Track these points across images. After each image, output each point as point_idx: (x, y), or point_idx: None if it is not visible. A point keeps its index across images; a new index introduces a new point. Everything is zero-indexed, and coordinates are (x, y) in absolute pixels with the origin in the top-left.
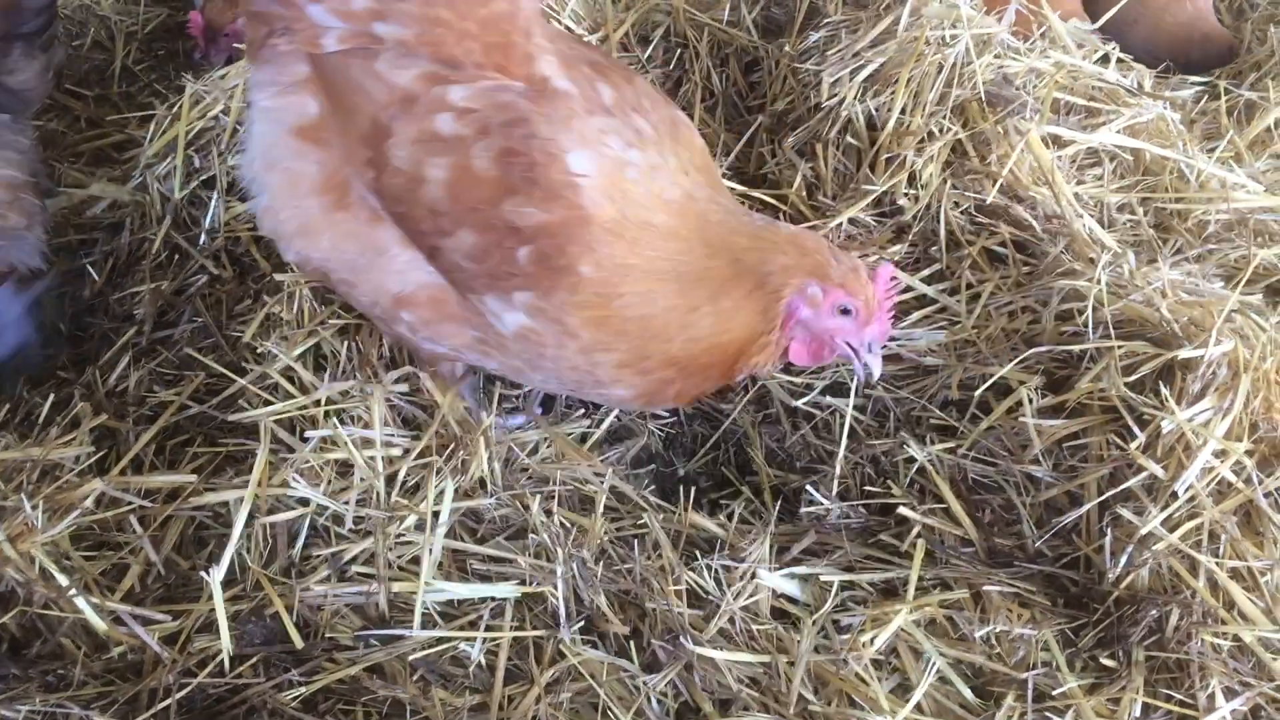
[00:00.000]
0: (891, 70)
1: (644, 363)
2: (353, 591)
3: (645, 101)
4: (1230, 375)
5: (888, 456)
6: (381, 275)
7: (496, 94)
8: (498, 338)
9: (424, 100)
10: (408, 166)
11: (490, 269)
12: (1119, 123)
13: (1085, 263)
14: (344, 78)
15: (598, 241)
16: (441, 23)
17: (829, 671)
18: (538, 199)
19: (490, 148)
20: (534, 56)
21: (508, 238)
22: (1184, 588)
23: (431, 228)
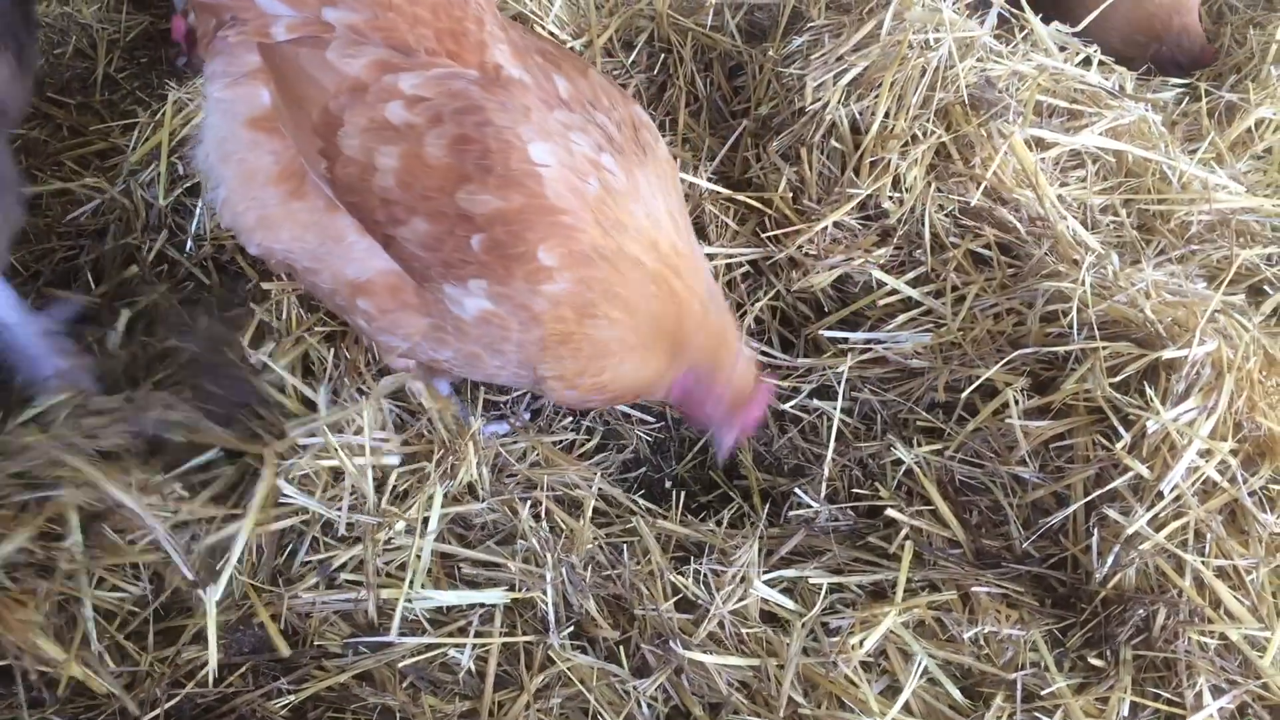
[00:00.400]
0: (875, 74)
1: (578, 379)
2: (341, 599)
3: (604, 97)
4: (1214, 375)
5: (875, 459)
6: (340, 263)
7: (449, 81)
8: (456, 323)
9: (374, 88)
10: (359, 155)
11: (444, 257)
12: (1101, 125)
13: (1069, 264)
14: (294, 67)
15: (566, 235)
16: (393, 7)
17: (818, 674)
18: (493, 186)
19: (443, 135)
20: (487, 44)
21: (460, 225)
22: (1171, 587)
23: (385, 217)
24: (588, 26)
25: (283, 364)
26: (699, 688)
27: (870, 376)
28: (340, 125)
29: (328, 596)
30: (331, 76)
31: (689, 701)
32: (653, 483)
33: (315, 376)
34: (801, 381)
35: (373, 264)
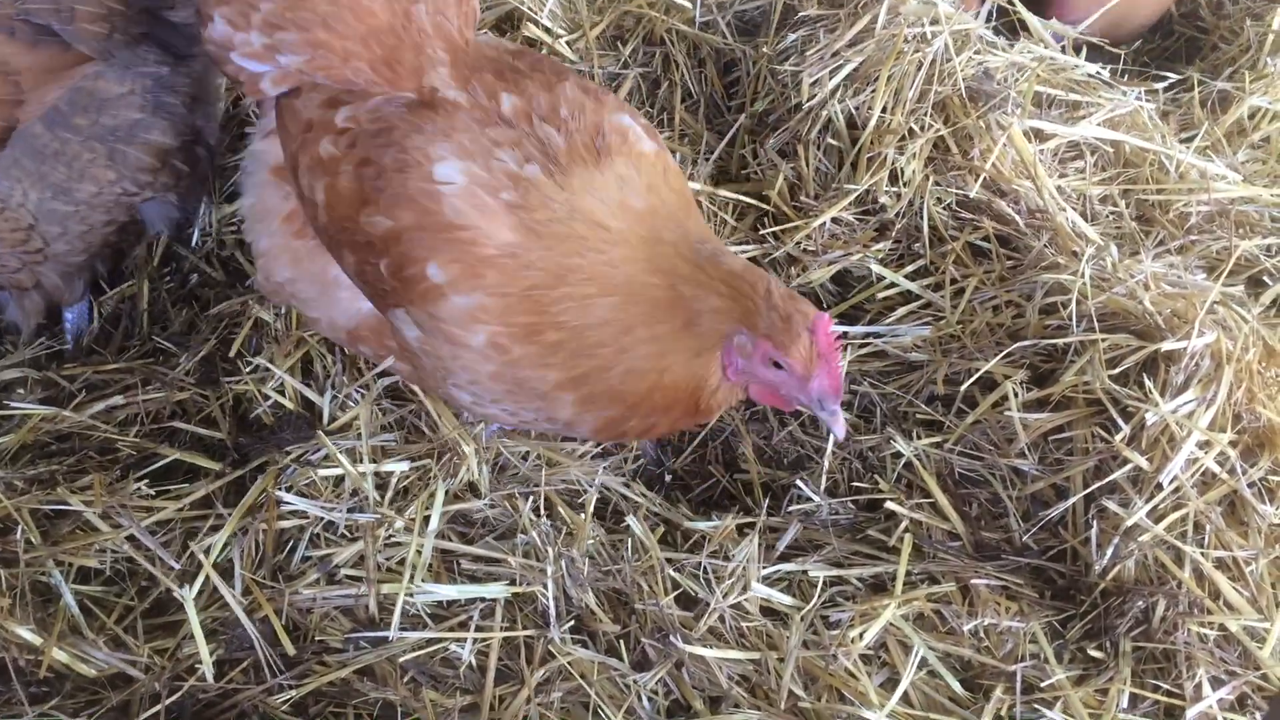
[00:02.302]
0: (871, 69)
1: (585, 389)
2: (342, 594)
3: (565, 107)
4: (1213, 367)
5: (875, 452)
6: (330, 308)
7: (378, 108)
8: (417, 356)
9: (317, 126)
10: (307, 192)
11: (371, 288)
12: (1099, 115)
13: (1068, 256)
14: (284, 121)
15: (462, 249)
16: (322, 45)
17: (818, 667)
18: (384, 206)
19: (352, 161)
20: (423, 69)
21: (369, 251)
22: (1170, 578)
23: (333, 253)
24: (581, 22)
25: (283, 366)
26: (699, 681)
27: (870, 370)
28: (297, 166)
29: (328, 592)
30: (295, 122)
31: (689, 695)
32: (652, 477)
33: (316, 377)
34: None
35: (355, 307)
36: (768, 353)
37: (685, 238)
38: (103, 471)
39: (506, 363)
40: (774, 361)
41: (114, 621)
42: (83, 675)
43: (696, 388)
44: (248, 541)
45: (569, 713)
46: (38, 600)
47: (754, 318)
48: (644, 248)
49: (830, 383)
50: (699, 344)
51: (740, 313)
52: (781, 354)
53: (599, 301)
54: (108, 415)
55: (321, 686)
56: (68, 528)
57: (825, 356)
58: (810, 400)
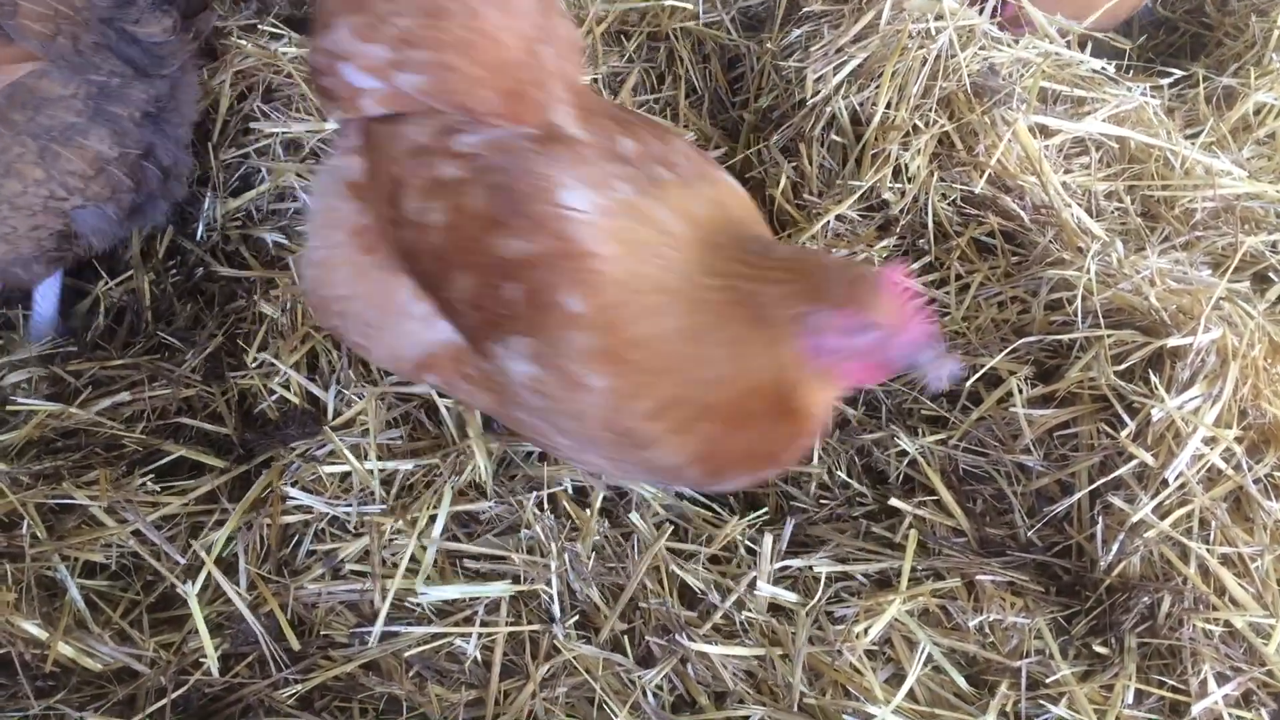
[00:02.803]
0: (875, 65)
1: (676, 411)
2: (347, 589)
3: (675, 157)
4: (1219, 362)
5: (879, 448)
6: (401, 338)
7: (503, 138)
8: (514, 392)
9: (435, 149)
10: (415, 215)
11: (486, 315)
12: (1104, 111)
13: (1074, 252)
14: (379, 142)
15: (593, 276)
16: (452, 68)
17: (824, 663)
18: (520, 228)
19: (482, 183)
20: (547, 105)
21: (495, 274)
22: (1175, 574)
23: (438, 274)
24: (585, 18)
25: (288, 362)
26: (704, 677)
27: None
28: (403, 188)
29: (333, 587)
30: (401, 144)
31: (694, 690)
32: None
33: (321, 372)
34: None
35: (432, 335)
36: (848, 320)
37: (738, 240)
38: (108, 467)
39: (600, 399)
40: (859, 326)
41: (119, 616)
42: (88, 669)
43: (783, 384)
44: (252, 536)
45: (574, 708)
46: (44, 595)
47: (821, 291)
48: (698, 249)
49: (922, 328)
50: (772, 333)
51: (805, 291)
52: (863, 315)
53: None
54: (114, 411)
55: (327, 681)
56: (73, 523)
57: (907, 304)
58: (907, 353)
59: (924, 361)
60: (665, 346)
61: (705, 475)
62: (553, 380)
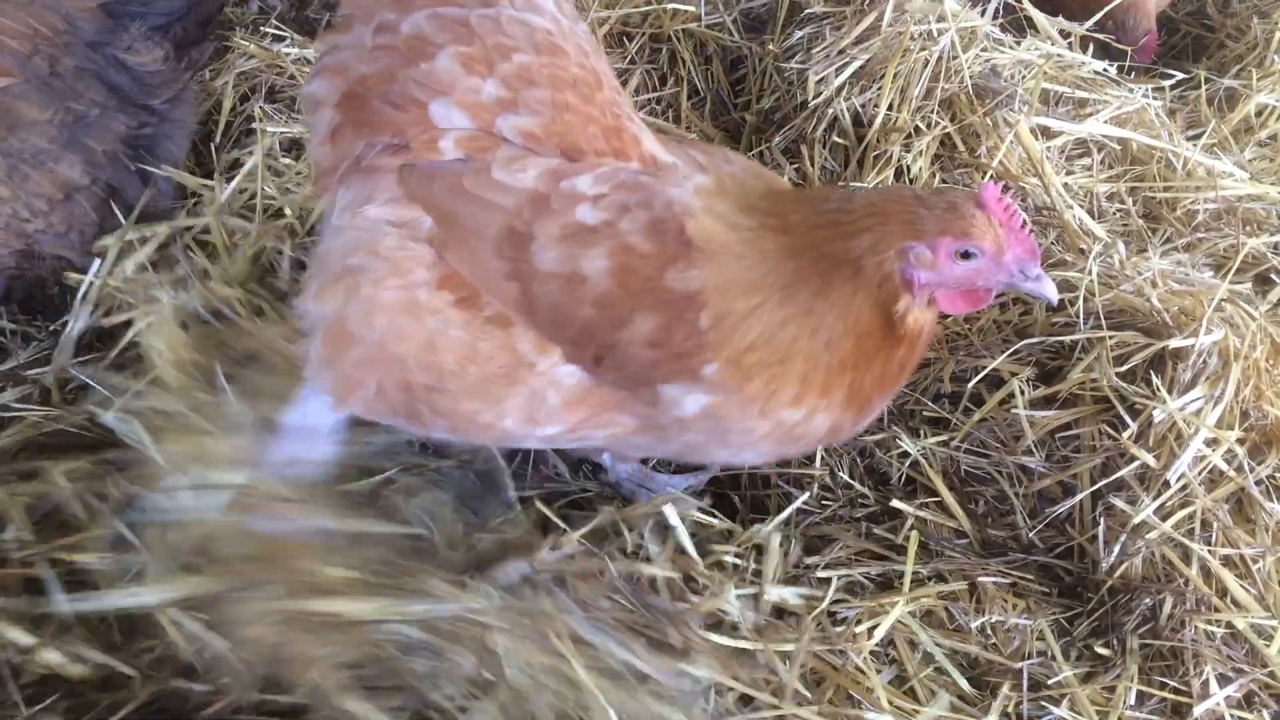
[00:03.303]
0: (877, 66)
1: (814, 384)
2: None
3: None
4: (1220, 364)
5: (881, 449)
6: (527, 395)
7: (617, 175)
8: (677, 422)
9: (555, 196)
10: (561, 267)
11: (675, 349)
12: (1106, 113)
13: (1076, 253)
14: (459, 193)
15: (725, 289)
16: (570, 108)
17: (827, 665)
18: (695, 260)
19: (636, 221)
20: (639, 137)
21: (683, 307)
22: (1177, 576)
23: (603, 324)
24: (587, 20)
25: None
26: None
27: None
28: (532, 240)
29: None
30: (505, 194)
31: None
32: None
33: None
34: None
35: (549, 391)
36: (950, 247)
37: (812, 202)
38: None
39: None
40: (960, 254)
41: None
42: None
43: (891, 318)
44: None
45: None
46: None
47: (918, 224)
48: (775, 238)
49: (1025, 247)
50: (876, 279)
51: (901, 228)
52: (965, 241)
53: (766, 305)
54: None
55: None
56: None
57: (1008, 224)
58: (1012, 274)
59: (1026, 282)
60: (778, 337)
61: (857, 418)
62: (724, 402)
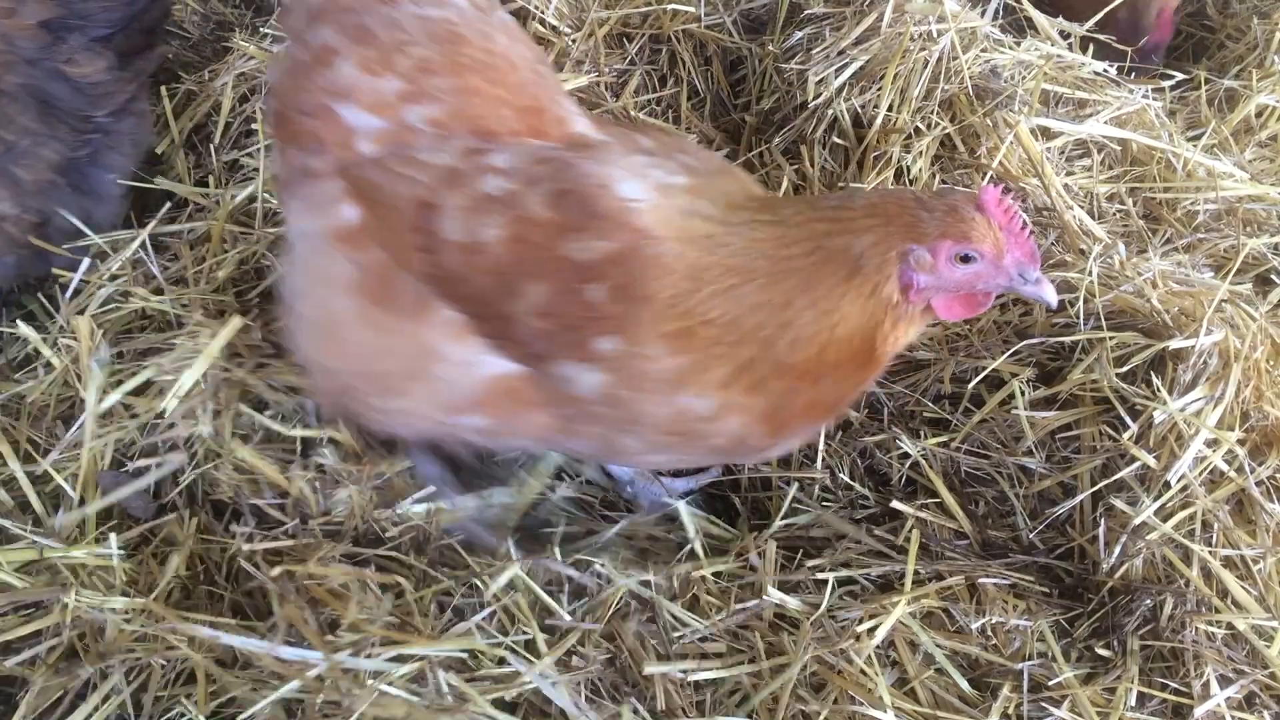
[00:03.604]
0: (877, 67)
1: (749, 375)
2: None
3: (690, 149)
4: (1221, 365)
5: (882, 450)
6: (436, 385)
7: (538, 151)
8: (581, 407)
9: (468, 171)
10: (463, 236)
11: (568, 321)
12: (1106, 113)
13: (1076, 254)
14: (381, 172)
15: (666, 259)
16: (477, 93)
17: (827, 667)
18: (601, 230)
19: (541, 191)
20: (566, 119)
21: (576, 277)
22: (1178, 577)
23: (499, 292)
24: (587, 20)
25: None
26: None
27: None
28: (438, 212)
29: None
30: (424, 170)
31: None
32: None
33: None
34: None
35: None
36: (950, 250)
37: (808, 201)
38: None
39: (668, 387)
40: (960, 257)
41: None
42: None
43: (873, 329)
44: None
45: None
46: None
47: (919, 226)
48: (768, 229)
49: (1025, 250)
50: (872, 281)
51: (902, 230)
52: (965, 244)
53: (744, 288)
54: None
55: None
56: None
57: (1008, 227)
58: (1011, 278)
59: (1025, 286)
60: (747, 319)
61: (767, 435)
62: (623, 381)
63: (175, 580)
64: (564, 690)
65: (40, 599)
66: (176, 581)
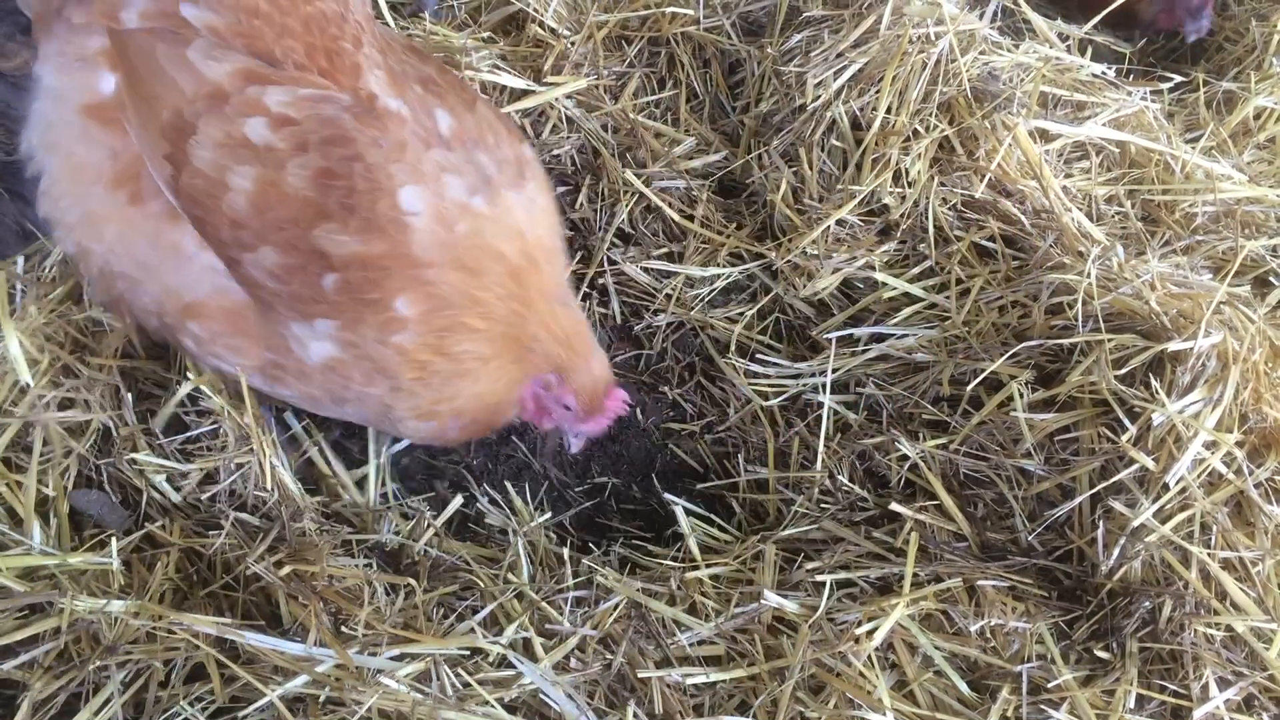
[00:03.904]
0: (875, 70)
1: (434, 409)
2: None
3: (489, 135)
4: (1219, 367)
5: (881, 452)
6: (171, 277)
7: (320, 106)
8: (298, 365)
9: (236, 99)
10: (210, 170)
11: (293, 291)
12: (1104, 116)
13: (1074, 256)
14: (148, 61)
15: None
16: (260, 14)
17: (826, 670)
18: (354, 228)
19: (307, 165)
20: (362, 68)
21: (314, 262)
22: (1176, 579)
23: (232, 239)
24: (586, 22)
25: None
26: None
27: (875, 371)
28: (193, 133)
29: None
30: (190, 78)
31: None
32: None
33: None
34: (805, 380)
35: (209, 282)
36: (566, 398)
37: (558, 280)
38: None
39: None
40: (565, 405)
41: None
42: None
43: (505, 405)
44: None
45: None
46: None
47: (573, 373)
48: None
49: (596, 430)
50: (523, 374)
51: (563, 365)
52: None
53: (483, 336)
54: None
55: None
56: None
57: (608, 412)
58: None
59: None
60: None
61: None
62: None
63: (168, 582)
64: (563, 691)
65: (38, 602)
66: (170, 583)
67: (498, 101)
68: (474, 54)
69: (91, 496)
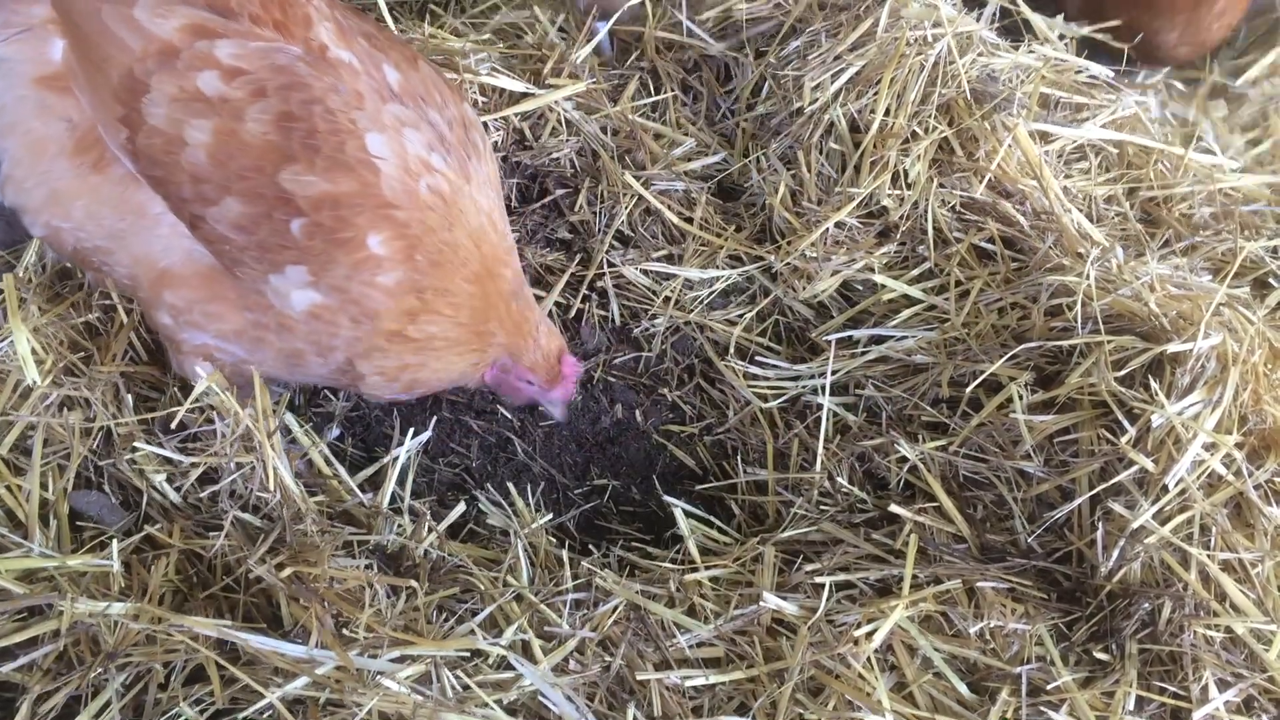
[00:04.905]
0: (873, 72)
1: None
2: None
3: (435, 93)
4: (1219, 368)
5: (880, 454)
6: (142, 244)
7: (272, 55)
8: (280, 319)
9: (186, 54)
10: (166, 127)
11: (259, 240)
12: (1103, 116)
13: (1074, 257)
14: (94, 22)
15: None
16: None
17: (825, 672)
18: (320, 168)
19: (266, 110)
20: (313, 20)
21: (279, 208)
22: (1176, 580)
23: (193, 194)
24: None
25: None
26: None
27: (875, 373)
28: (145, 91)
29: None
30: (138, 37)
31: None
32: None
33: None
34: (804, 381)
35: (179, 247)
36: (521, 375)
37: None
38: None
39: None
40: (525, 380)
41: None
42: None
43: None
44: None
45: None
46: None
47: (523, 353)
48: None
49: (564, 392)
50: (478, 357)
51: (514, 347)
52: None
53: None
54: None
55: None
56: None
57: (567, 377)
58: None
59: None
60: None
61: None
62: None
63: (168, 583)
64: (562, 693)
65: (37, 604)
66: (170, 585)
67: (496, 104)
68: (472, 56)
69: (91, 497)
